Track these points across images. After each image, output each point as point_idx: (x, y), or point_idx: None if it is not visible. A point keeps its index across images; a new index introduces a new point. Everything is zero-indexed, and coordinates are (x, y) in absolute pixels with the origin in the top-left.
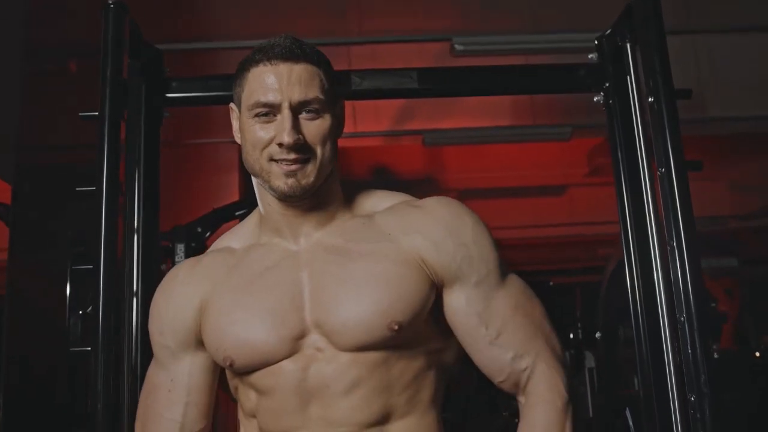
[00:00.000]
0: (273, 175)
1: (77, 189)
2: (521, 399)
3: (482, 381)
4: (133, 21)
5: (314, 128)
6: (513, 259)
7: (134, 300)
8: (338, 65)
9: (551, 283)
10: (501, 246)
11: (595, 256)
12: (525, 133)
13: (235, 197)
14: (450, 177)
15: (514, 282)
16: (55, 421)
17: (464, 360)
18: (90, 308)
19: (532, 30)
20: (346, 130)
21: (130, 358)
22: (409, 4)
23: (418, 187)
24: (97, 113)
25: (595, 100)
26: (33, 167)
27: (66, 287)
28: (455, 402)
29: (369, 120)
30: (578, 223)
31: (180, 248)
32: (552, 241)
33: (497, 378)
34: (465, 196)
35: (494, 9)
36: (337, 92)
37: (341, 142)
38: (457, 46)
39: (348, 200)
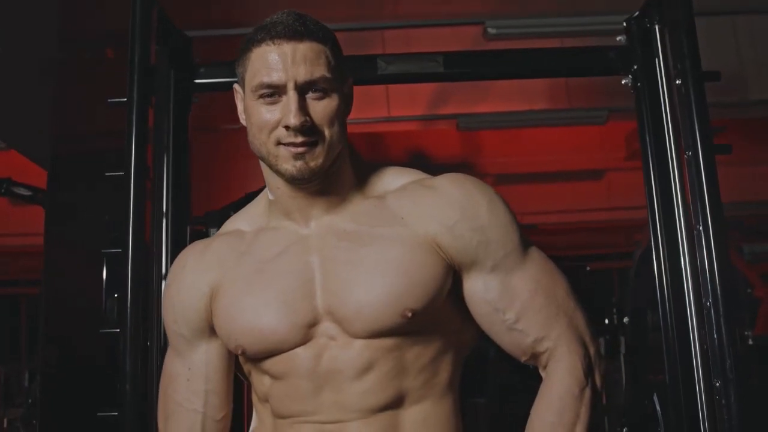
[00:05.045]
0: (281, 158)
1: (106, 174)
2: (543, 374)
3: (517, 363)
4: (161, 8)
5: (321, 109)
6: (550, 243)
7: (163, 283)
8: (372, 49)
9: (588, 268)
10: (538, 231)
11: (633, 241)
12: (560, 116)
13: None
14: (485, 161)
15: (535, 259)
16: (91, 401)
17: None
18: None
19: (566, 12)
20: (380, 114)
21: (159, 341)
22: None
23: (453, 171)
24: (125, 99)
25: (623, 82)
26: (68, 152)
27: (102, 271)
28: (492, 387)
29: (404, 104)
30: (616, 207)
31: (214, 232)
32: (589, 225)
33: (520, 358)
34: (500, 180)
35: None
36: (344, 70)
37: (375, 127)
38: (490, 30)
39: (359, 180)
